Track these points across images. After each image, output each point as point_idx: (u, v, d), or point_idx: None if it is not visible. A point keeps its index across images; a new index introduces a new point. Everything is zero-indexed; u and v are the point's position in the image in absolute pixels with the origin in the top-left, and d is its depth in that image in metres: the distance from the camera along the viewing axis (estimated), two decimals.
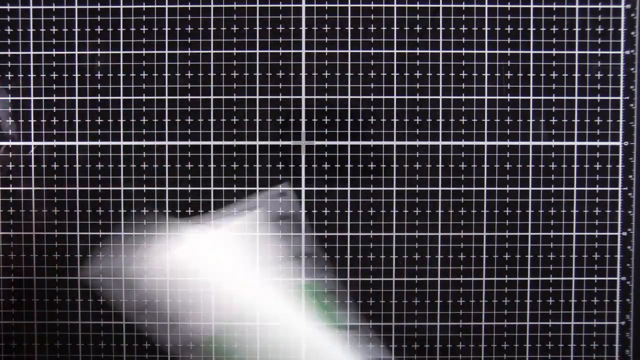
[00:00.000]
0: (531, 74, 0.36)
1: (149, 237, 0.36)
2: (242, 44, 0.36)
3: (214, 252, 0.36)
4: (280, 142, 0.36)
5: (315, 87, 0.36)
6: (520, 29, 0.36)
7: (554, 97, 0.36)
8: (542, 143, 0.36)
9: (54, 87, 0.36)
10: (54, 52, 0.36)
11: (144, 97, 0.36)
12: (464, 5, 0.36)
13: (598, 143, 0.36)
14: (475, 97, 0.36)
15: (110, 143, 0.36)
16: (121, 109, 0.36)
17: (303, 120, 0.36)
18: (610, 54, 0.36)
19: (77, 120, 0.36)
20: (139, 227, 0.36)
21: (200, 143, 0.36)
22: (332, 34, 0.36)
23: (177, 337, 0.36)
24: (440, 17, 0.36)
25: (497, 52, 0.36)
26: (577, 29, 0.36)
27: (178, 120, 0.36)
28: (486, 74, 0.36)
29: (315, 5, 0.36)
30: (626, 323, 0.37)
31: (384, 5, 0.36)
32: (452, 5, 0.36)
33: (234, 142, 0.36)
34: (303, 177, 0.36)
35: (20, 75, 0.36)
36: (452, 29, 0.36)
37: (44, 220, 0.36)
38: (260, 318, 0.36)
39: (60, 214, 0.36)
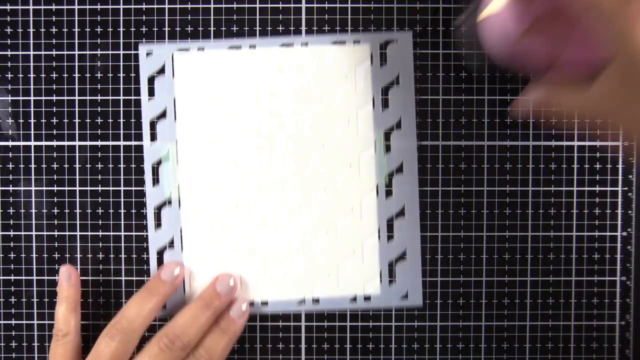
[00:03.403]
0: (531, 74, 0.36)
1: (149, 237, 0.36)
2: None
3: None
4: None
5: None
6: None
7: None
8: (542, 143, 0.36)
9: (54, 87, 0.36)
10: (54, 52, 0.36)
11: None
12: (463, 6, 0.36)
13: (598, 143, 0.36)
14: (475, 97, 0.36)
15: (110, 143, 0.36)
16: (121, 109, 0.36)
17: None
18: None
19: (77, 120, 0.36)
20: (140, 227, 0.36)
21: None
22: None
23: None
24: (440, 17, 0.36)
25: None
26: None
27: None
28: (485, 74, 0.36)
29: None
30: (626, 323, 0.37)
31: (383, 6, 0.36)
32: (452, 6, 0.36)
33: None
34: None
35: (20, 75, 0.36)
36: (452, 29, 0.36)
37: (44, 220, 0.36)
38: None
39: (60, 214, 0.36)
